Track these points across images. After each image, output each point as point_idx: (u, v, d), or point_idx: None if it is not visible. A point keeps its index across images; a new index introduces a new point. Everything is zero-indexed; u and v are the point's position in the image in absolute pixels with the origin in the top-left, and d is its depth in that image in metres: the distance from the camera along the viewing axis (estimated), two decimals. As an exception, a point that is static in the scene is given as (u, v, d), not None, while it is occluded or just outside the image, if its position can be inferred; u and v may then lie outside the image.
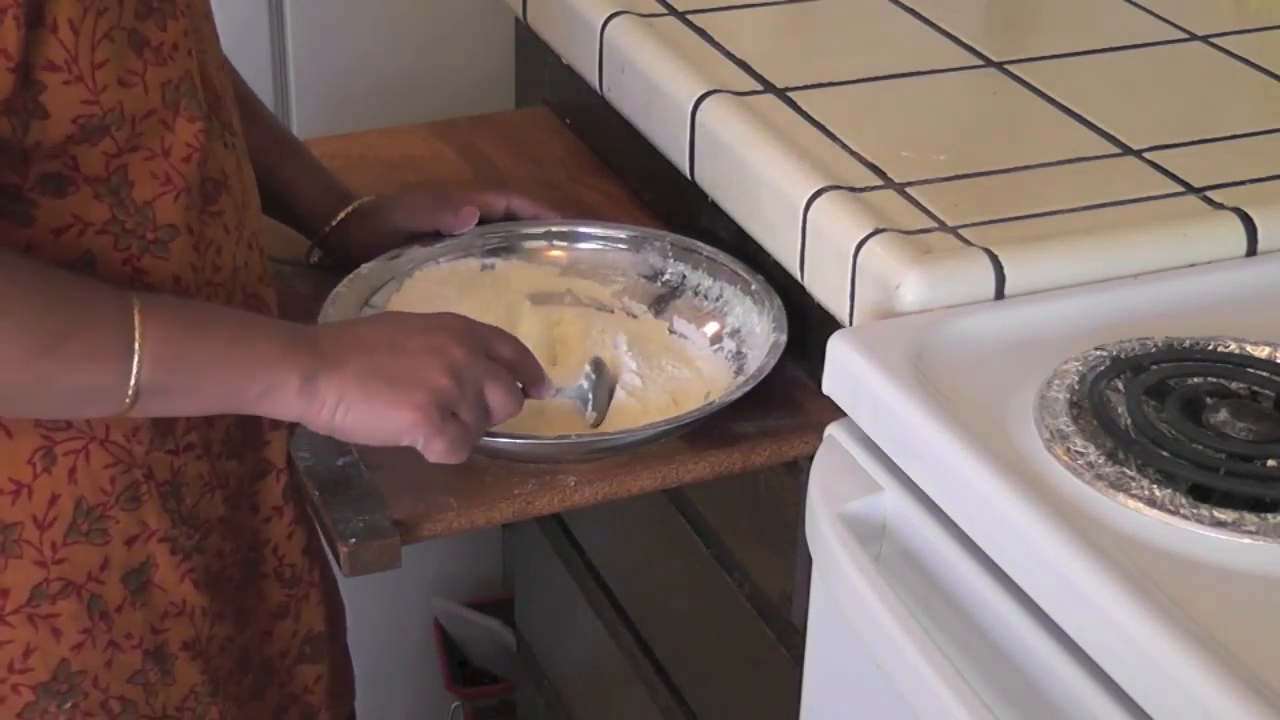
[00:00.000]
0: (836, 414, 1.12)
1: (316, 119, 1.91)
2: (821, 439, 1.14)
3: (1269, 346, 1.09)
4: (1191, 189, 1.23)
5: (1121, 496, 0.96)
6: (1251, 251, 1.18)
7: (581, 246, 1.38)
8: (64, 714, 1.11)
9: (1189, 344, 1.10)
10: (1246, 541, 0.93)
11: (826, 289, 1.19)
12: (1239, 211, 1.19)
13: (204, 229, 1.10)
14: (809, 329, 1.24)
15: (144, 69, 1.03)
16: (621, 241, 1.38)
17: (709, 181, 1.33)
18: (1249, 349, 1.09)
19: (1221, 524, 0.94)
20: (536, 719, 1.97)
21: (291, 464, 1.18)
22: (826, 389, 1.12)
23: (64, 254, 1.04)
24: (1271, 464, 0.99)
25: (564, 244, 1.38)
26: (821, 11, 1.52)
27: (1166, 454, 0.99)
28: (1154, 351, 1.09)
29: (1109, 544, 0.92)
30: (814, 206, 1.19)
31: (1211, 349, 1.09)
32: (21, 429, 1.06)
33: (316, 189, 1.37)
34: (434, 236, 1.36)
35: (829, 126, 1.29)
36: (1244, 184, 1.23)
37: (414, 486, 1.13)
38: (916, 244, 1.13)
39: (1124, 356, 1.08)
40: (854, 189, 1.20)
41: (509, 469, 1.16)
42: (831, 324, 1.17)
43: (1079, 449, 1.00)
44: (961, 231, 1.16)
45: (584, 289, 1.36)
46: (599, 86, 1.47)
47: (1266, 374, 1.07)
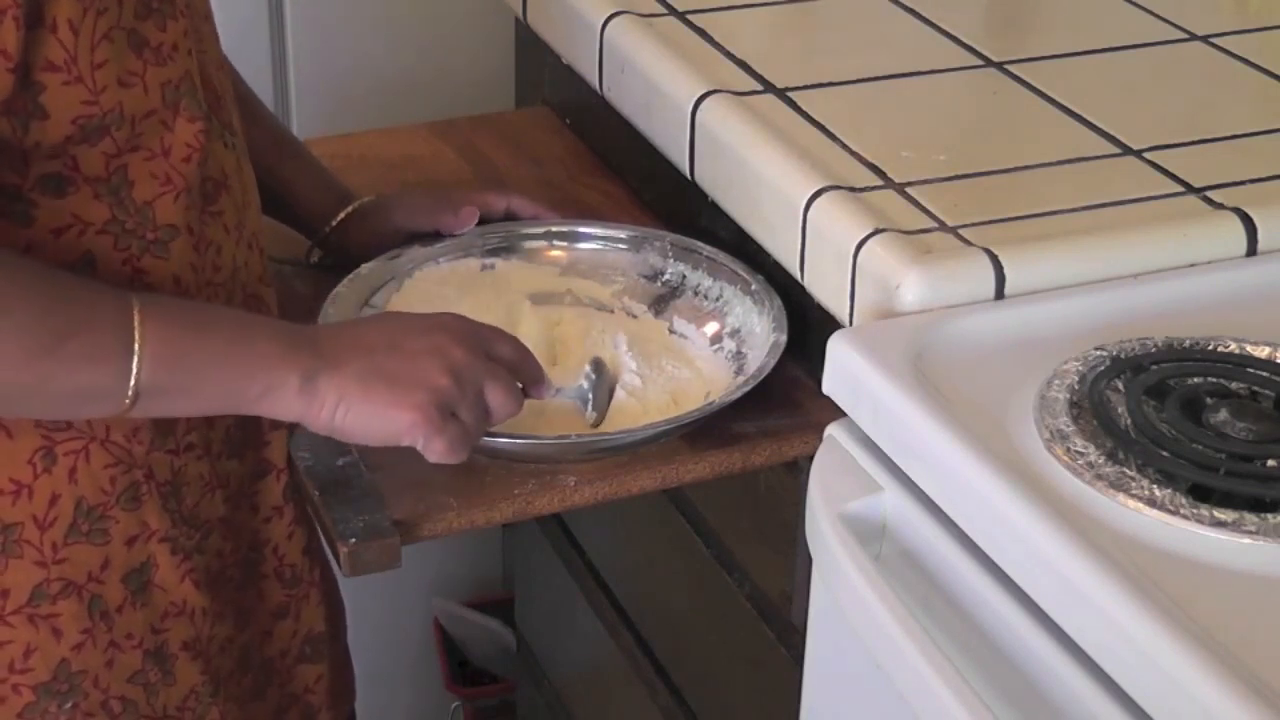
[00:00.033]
0: (836, 414, 1.12)
1: (316, 119, 1.91)
2: (821, 439, 1.14)
3: (1269, 346, 1.09)
4: (1191, 189, 1.23)
5: (1121, 496, 0.96)
6: (1251, 251, 1.18)
7: (581, 246, 1.38)
8: (64, 714, 1.11)
9: (1189, 344, 1.10)
10: (1246, 541, 0.93)
11: (826, 289, 1.19)
12: (1239, 211, 1.19)
13: (204, 229, 1.10)
14: (809, 329, 1.24)
15: (144, 69, 1.03)
16: (621, 241, 1.37)
17: (709, 181, 1.33)
18: (1249, 349, 1.09)
19: (1221, 524, 0.94)
20: (536, 719, 1.97)
21: (291, 464, 1.18)
22: (826, 389, 1.12)
23: (64, 254, 1.04)
24: (1271, 464, 0.99)
25: (564, 244, 1.38)
26: (821, 11, 1.52)
27: (1166, 454, 0.99)
28: (1154, 351, 1.09)
29: (1109, 544, 0.92)
30: (814, 206, 1.19)
31: (1211, 349, 1.09)
32: (22, 429, 1.06)
33: (316, 189, 1.37)
34: (434, 236, 1.36)
35: (829, 126, 1.29)
36: (1244, 184, 1.23)
37: (414, 486, 1.13)
38: (916, 244, 1.13)
39: (1124, 356, 1.08)
40: (854, 189, 1.20)
41: (509, 469, 1.16)
42: (831, 324, 1.17)
43: (1079, 449, 1.00)
44: (961, 231, 1.16)
45: (584, 289, 1.36)
46: (599, 86, 1.47)
47: (1266, 374, 1.07)
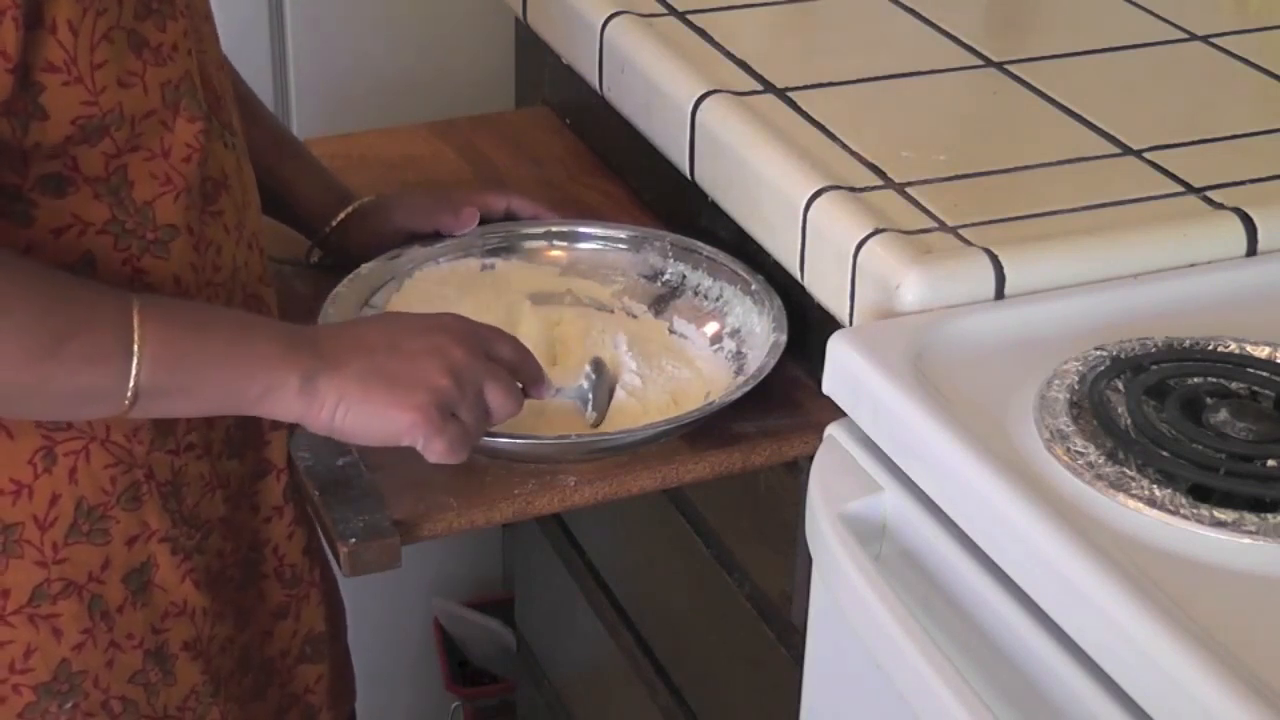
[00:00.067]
0: (836, 414, 1.12)
1: (316, 119, 1.91)
2: (821, 439, 1.14)
3: (1269, 346, 1.09)
4: (1191, 189, 1.23)
5: (1121, 496, 0.96)
6: (1251, 251, 1.18)
7: (581, 246, 1.38)
8: (65, 714, 1.11)
9: (1189, 344, 1.10)
10: (1246, 541, 0.93)
11: (826, 289, 1.19)
12: (1239, 211, 1.19)
13: (204, 229, 1.10)
14: (809, 329, 1.24)
15: (143, 69, 1.03)
16: (621, 241, 1.37)
17: (709, 181, 1.33)
18: (1249, 349, 1.09)
19: (1221, 524, 0.94)
20: (536, 719, 1.97)
21: (292, 464, 1.18)
22: (826, 389, 1.12)
23: (64, 254, 1.04)
24: (1271, 464, 0.99)
25: (564, 244, 1.38)
26: (821, 11, 1.52)
27: (1166, 454, 0.99)
28: (1154, 351, 1.09)
29: (1109, 544, 0.92)
30: (814, 206, 1.19)
31: (1211, 349, 1.09)
32: (22, 429, 1.06)
33: (316, 189, 1.37)
34: (434, 237, 1.36)
35: (829, 126, 1.29)
36: (1244, 184, 1.23)
37: (414, 486, 1.13)
38: (916, 244, 1.13)
39: (1124, 356, 1.08)
40: (854, 189, 1.20)
41: (509, 469, 1.16)
42: (831, 324, 1.17)
43: (1079, 449, 1.00)
44: (961, 231, 1.16)
45: (584, 289, 1.36)
46: (599, 86, 1.47)
47: (1266, 374, 1.07)
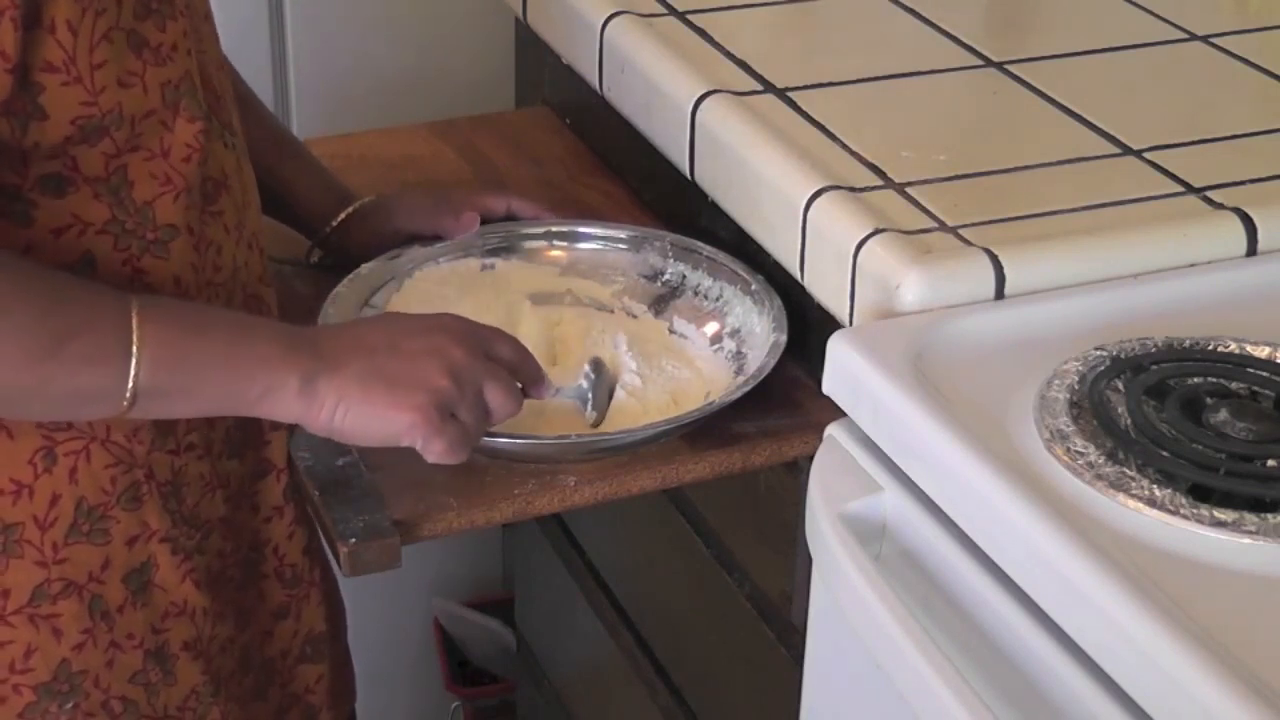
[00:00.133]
0: (836, 414, 1.12)
1: (316, 119, 1.91)
2: (821, 439, 1.14)
3: (1269, 346, 1.09)
4: (1191, 189, 1.23)
5: (1121, 496, 0.96)
6: (1251, 251, 1.18)
7: (581, 246, 1.38)
8: (65, 714, 1.11)
9: (1189, 344, 1.10)
10: (1246, 541, 0.93)
11: (826, 289, 1.19)
12: (1239, 211, 1.19)
13: (204, 229, 1.10)
14: (809, 329, 1.24)
15: (143, 69, 1.03)
16: (621, 241, 1.37)
17: (709, 181, 1.33)
18: (1249, 349, 1.09)
19: (1221, 524, 0.94)
20: (536, 719, 1.97)
21: (292, 464, 1.18)
22: (826, 389, 1.12)
23: (64, 254, 1.04)
24: (1271, 464, 0.99)
25: (564, 244, 1.38)
26: (821, 11, 1.52)
27: (1166, 454, 0.99)
28: (1154, 351, 1.09)
29: (1109, 544, 0.92)
30: (814, 206, 1.18)
31: (1211, 349, 1.09)
32: (22, 429, 1.06)
33: (317, 189, 1.37)
34: (434, 237, 1.36)
35: (829, 126, 1.29)
36: (1244, 184, 1.23)
37: (414, 486, 1.13)
38: (916, 244, 1.13)
39: (1124, 356, 1.08)
40: (854, 189, 1.20)
41: (509, 469, 1.16)
42: (831, 324, 1.17)
43: (1079, 449, 1.00)
44: (961, 231, 1.16)
45: (584, 289, 1.36)
46: (599, 86, 1.47)
47: (1266, 374, 1.07)
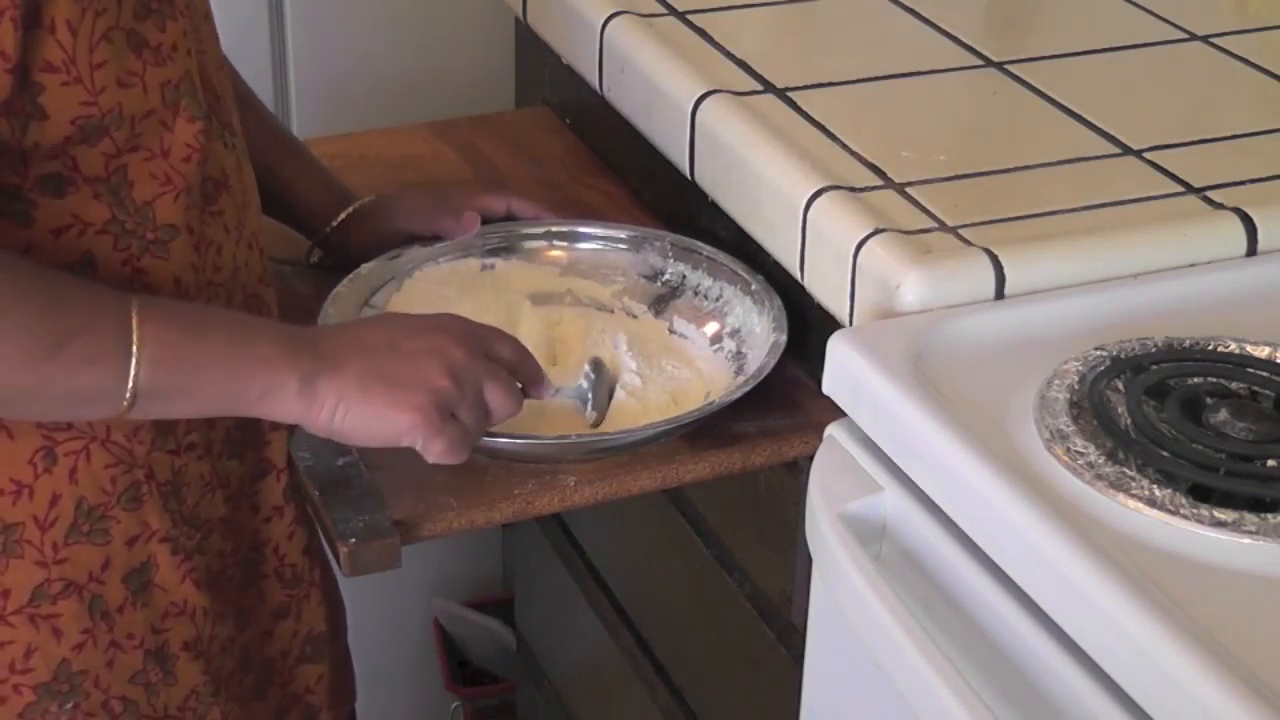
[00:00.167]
0: (836, 414, 1.12)
1: (316, 119, 1.91)
2: (821, 439, 1.14)
3: (1269, 346, 1.09)
4: (1191, 189, 1.23)
5: (1121, 496, 0.96)
6: (1251, 251, 1.18)
7: (581, 246, 1.38)
8: (65, 714, 1.11)
9: (1189, 344, 1.10)
10: (1246, 541, 0.93)
11: (826, 289, 1.19)
12: (1239, 211, 1.19)
13: (204, 229, 1.10)
14: (809, 329, 1.24)
15: (143, 69, 1.03)
16: (621, 241, 1.37)
17: (709, 181, 1.33)
18: (1249, 349, 1.09)
19: (1221, 524, 0.94)
20: (536, 719, 1.97)
21: (292, 464, 1.18)
22: (826, 389, 1.12)
23: (64, 254, 1.04)
24: (1271, 464, 0.99)
25: (564, 244, 1.38)
26: (821, 11, 1.52)
27: (1166, 454, 0.99)
28: (1154, 351, 1.09)
29: (1109, 544, 0.92)
30: (814, 206, 1.18)
31: (1211, 349, 1.09)
32: (22, 429, 1.06)
33: (317, 189, 1.37)
34: (434, 237, 1.36)
35: (829, 126, 1.29)
36: (1244, 184, 1.23)
37: (414, 486, 1.13)
38: (916, 244, 1.13)
39: (1124, 356, 1.08)
40: (854, 189, 1.20)
41: (509, 469, 1.16)
42: (831, 324, 1.17)
43: (1079, 449, 1.00)
44: (961, 231, 1.16)
45: (584, 289, 1.36)
46: (599, 86, 1.47)
47: (1266, 374, 1.07)
